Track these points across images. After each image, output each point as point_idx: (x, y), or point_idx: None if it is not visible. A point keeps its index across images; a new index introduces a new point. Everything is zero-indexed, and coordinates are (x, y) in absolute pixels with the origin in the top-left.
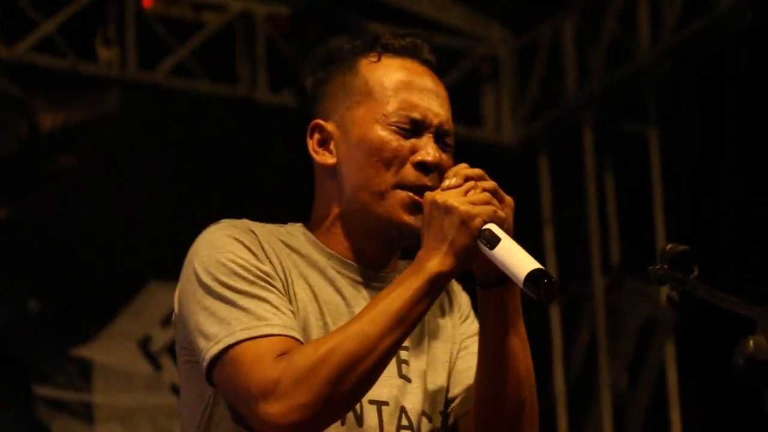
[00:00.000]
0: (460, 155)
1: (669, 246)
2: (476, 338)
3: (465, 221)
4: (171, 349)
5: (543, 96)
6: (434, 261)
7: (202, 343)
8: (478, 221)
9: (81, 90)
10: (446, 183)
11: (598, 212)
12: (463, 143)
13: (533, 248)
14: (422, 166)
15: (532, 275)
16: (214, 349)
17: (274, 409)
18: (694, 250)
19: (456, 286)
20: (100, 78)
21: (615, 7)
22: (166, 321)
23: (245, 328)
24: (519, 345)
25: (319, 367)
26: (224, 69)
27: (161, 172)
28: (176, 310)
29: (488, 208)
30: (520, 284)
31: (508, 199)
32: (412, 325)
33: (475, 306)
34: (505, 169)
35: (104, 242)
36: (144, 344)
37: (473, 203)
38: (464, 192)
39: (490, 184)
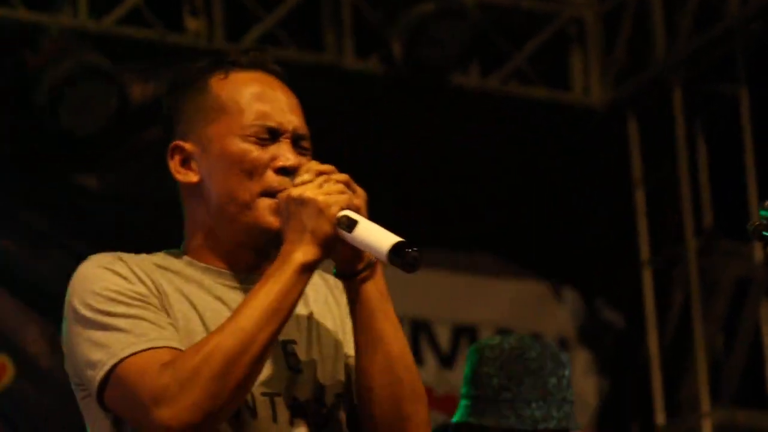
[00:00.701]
0: (549, 118)
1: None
2: None
3: (322, 210)
4: None
5: (631, 58)
6: (299, 252)
7: (89, 372)
8: (335, 209)
9: (169, 61)
10: (299, 179)
11: (689, 174)
12: (551, 107)
13: (624, 212)
14: (284, 171)
15: (395, 248)
16: (100, 374)
17: (167, 414)
18: None
19: (341, 286)
20: (187, 49)
21: None
22: None
23: (125, 347)
24: (389, 327)
25: (203, 367)
26: (311, 37)
27: None
28: (65, 351)
29: (343, 197)
30: (384, 258)
31: (360, 190)
32: (286, 315)
33: None
34: (593, 133)
35: None
36: None
37: (328, 194)
38: (318, 185)
39: (343, 176)
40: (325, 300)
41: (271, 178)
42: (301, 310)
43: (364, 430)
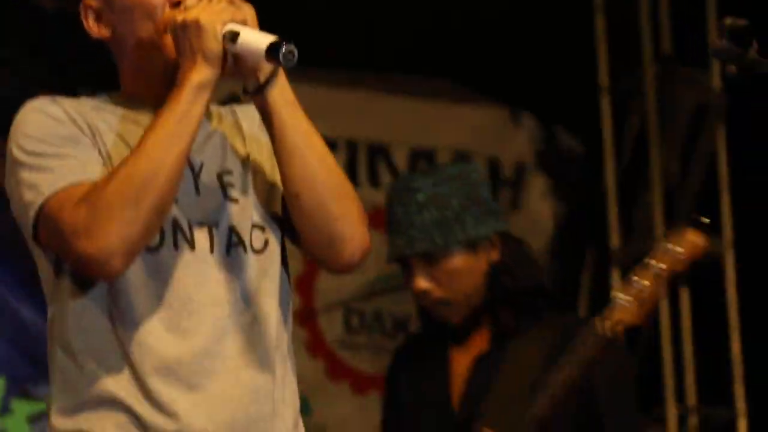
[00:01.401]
0: None
1: (728, 21)
2: None
3: (206, 28)
4: None
5: None
6: (192, 73)
7: (24, 214)
8: (218, 25)
9: None
10: (183, 6)
11: (649, 0)
12: None
13: (584, 38)
14: (180, 5)
15: (270, 48)
16: (31, 214)
17: (85, 244)
18: (753, 26)
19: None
20: None
21: None
22: None
23: (50, 185)
24: (301, 134)
25: (114, 195)
26: None
27: None
28: (9, 197)
29: (225, 13)
30: (263, 60)
31: (246, 4)
32: (190, 136)
33: None
34: None
35: None
36: None
37: (210, 12)
38: (201, 7)
39: None
40: (260, 128)
41: (171, 14)
42: (235, 141)
43: (303, 243)
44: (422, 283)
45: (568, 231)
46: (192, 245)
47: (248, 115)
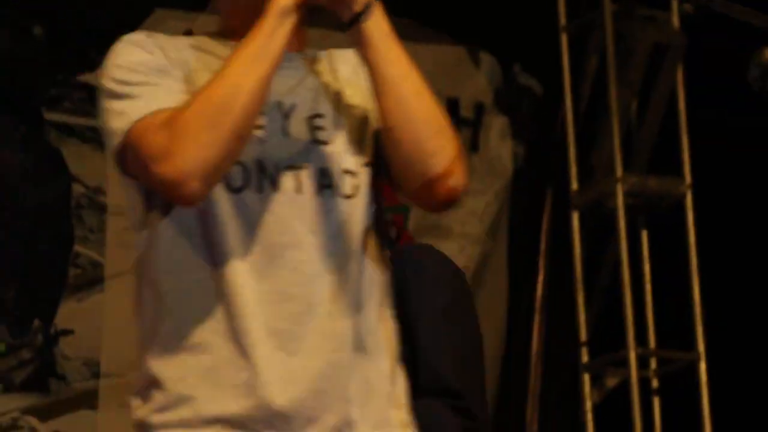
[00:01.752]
0: None
1: None
2: None
3: None
4: None
5: None
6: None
7: (112, 142)
8: None
9: None
10: None
11: None
12: None
13: None
14: None
15: None
16: (117, 141)
17: (164, 167)
18: None
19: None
20: None
21: None
22: None
23: (137, 112)
24: (396, 67)
25: (192, 117)
26: None
27: None
28: (103, 131)
29: None
30: None
31: None
32: (273, 59)
33: None
34: None
35: None
36: None
37: None
38: None
39: None
40: (356, 72)
41: None
42: (330, 85)
43: (397, 181)
44: None
45: (528, 172)
46: (276, 187)
47: (345, 59)
